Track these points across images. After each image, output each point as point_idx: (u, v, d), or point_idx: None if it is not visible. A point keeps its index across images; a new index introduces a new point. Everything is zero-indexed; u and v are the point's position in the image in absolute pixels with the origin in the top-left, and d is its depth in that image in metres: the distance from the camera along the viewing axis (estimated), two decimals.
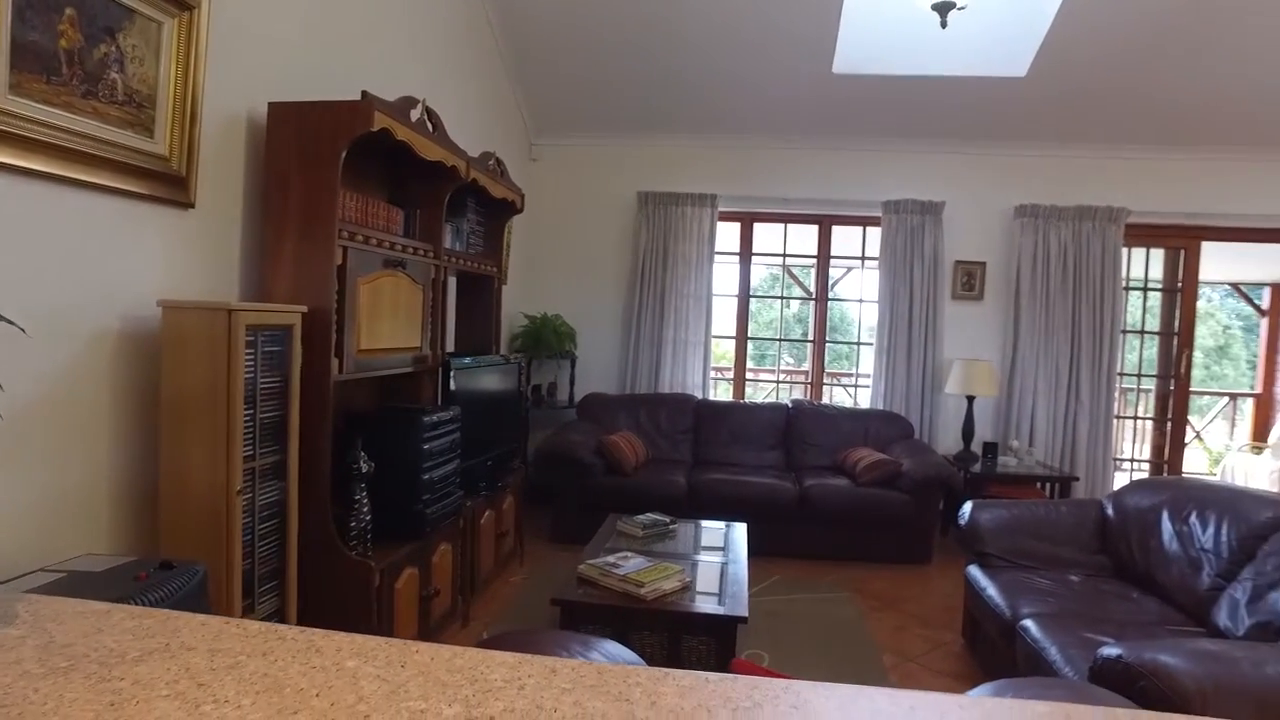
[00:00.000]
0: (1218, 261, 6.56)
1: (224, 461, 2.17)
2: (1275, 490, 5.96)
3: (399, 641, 1.04)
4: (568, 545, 4.55)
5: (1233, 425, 9.38)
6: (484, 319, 4.25)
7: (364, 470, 2.66)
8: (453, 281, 4.08)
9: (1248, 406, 9.22)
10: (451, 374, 3.40)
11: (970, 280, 5.81)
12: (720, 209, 5.82)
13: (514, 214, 4.39)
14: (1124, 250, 5.63)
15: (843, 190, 5.81)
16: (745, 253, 6.17)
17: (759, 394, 8.21)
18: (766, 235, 6.31)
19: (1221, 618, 2.64)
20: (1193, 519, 3.04)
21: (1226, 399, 9.70)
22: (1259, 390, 9.07)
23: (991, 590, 3.11)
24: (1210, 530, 2.95)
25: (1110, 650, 2.08)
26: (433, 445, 3.00)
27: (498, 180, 3.92)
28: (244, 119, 2.63)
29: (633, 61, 5.10)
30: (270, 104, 2.61)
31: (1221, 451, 9.12)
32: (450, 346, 4.06)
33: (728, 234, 6.06)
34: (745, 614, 2.70)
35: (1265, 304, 8.99)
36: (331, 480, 2.60)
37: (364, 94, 2.57)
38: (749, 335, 6.45)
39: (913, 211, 5.65)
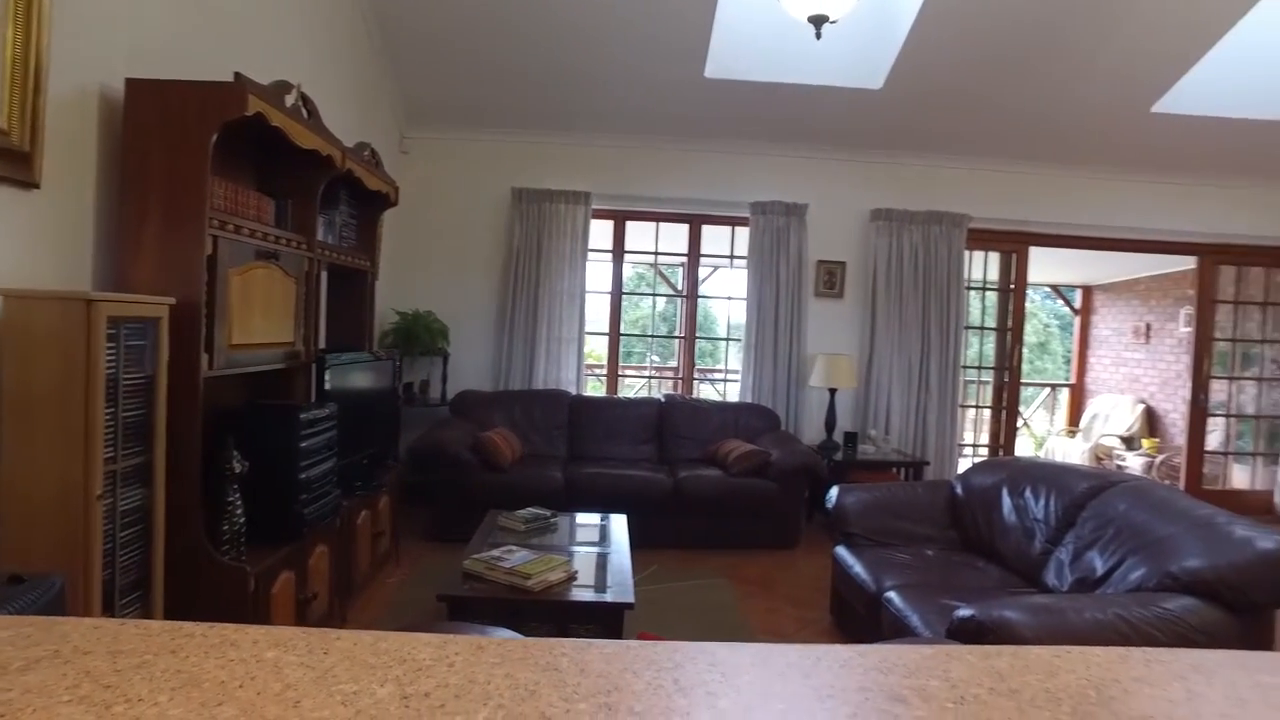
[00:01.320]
0: (1040, 265, 7.26)
1: (81, 464, 2.02)
2: (1089, 465, 6.69)
3: (318, 630, 1.03)
4: (445, 543, 4.48)
5: (1052, 412, 10.39)
6: (357, 315, 4.12)
7: (237, 470, 2.54)
8: (324, 276, 3.92)
9: (1064, 396, 10.25)
10: (326, 371, 3.28)
11: (832, 279, 6.15)
12: (594, 207, 5.88)
13: (388, 207, 4.28)
14: (966, 253, 6.13)
15: (713, 191, 6.00)
16: (618, 250, 6.26)
17: (629, 390, 8.34)
18: (639, 233, 6.43)
19: (1050, 577, 2.97)
20: (1027, 493, 3.39)
21: (1047, 389, 10.74)
22: (1073, 381, 10.09)
23: (858, 567, 3.33)
24: (1041, 502, 3.29)
25: (963, 612, 2.30)
26: (310, 443, 2.90)
27: (373, 172, 3.82)
28: (97, 94, 2.44)
29: (508, 56, 5.07)
30: (128, 80, 2.44)
31: (1044, 436, 10.09)
32: (321, 343, 3.91)
33: (601, 231, 6.13)
34: (631, 601, 2.78)
35: (1078, 304, 10.01)
36: (202, 482, 2.47)
37: (237, 76, 2.45)
38: (621, 332, 6.55)
39: (779, 213, 5.91)
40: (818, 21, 2.33)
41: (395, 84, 5.37)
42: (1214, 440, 7.03)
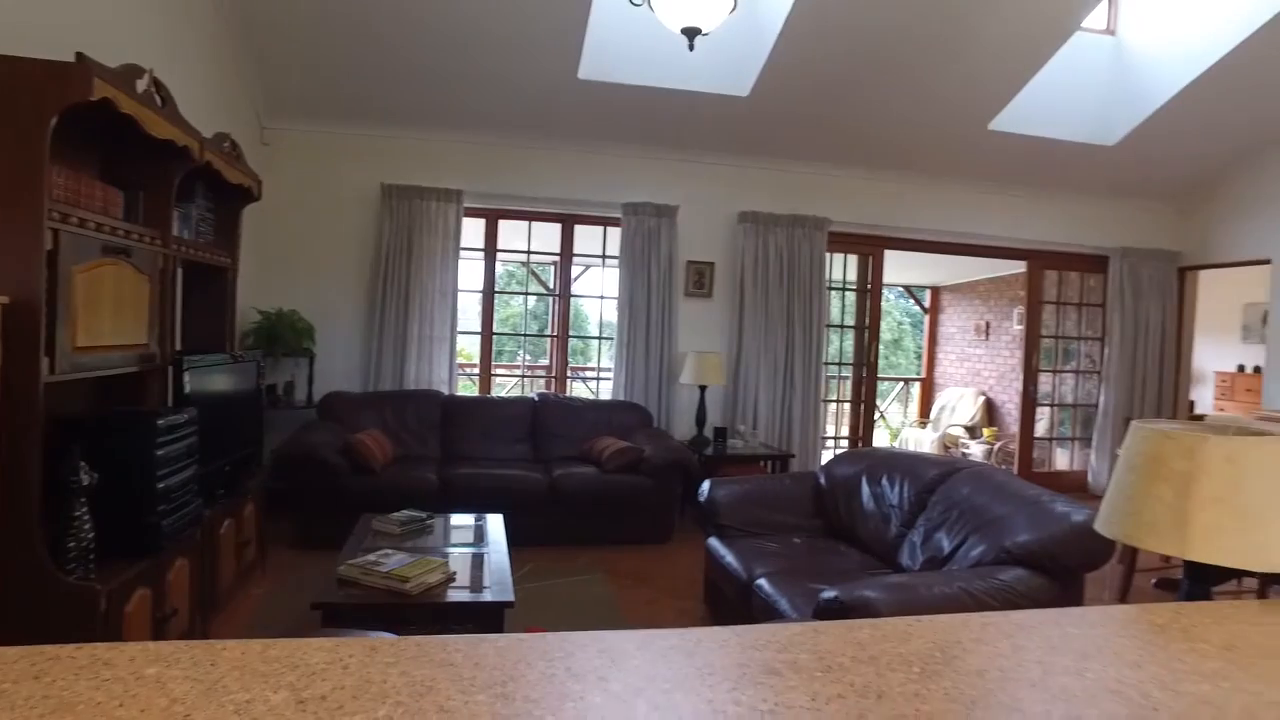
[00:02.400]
0: (894, 267, 7.78)
1: None
2: (938, 453, 7.23)
3: (202, 642, 1.00)
4: (314, 550, 4.32)
5: (905, 405, 11.11)
6: (217, 314, 3.90)
7: (85, 482, 2.37)
8: (179, 273, 3.70)
9: (916, 389, 10.98)
10: (186, 373, 3.10)
11: (701, 279, 6.34)
12: (466, 205, 5.80)
13: (250, 201, 4.07)
14: (827, 255, 6.47)
15: (585, 191, 6.06)
16: (490, 249, 6.21)
17: (501, 389, 8.28)
18: (511, 232, 6.40)
19: (904, 557, 3.22)
20: (884, 481, 3.64)
21: (900, 383, 11.47)
22: (924, 376, 10.83)
23: (730, 557, 3.47)
24: (896, 490, 3.55)
25: (828, 594, 2.47)
26: (168, 450, 2.74)
27: (234, 165, 3.63)
28: None
29: (377, 49, 4.93)
30: None
31: (898, 427, 10.78)
32: (178, 344, 3.68)
33: (473, 230, 6.06)
34: (512, 599, 2.80)
35: (928, 304, 10.76)
36: (44, 495, 2.29)
37: (79, 56, 2.28)
38: (494, 331, 6.50)
39: (650, 214, 6.04)
40: (690, 34, 2.42)
41: (254, 73, 5.10)
42: (1041, 427, 7.77)
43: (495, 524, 3.79)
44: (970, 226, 6.80)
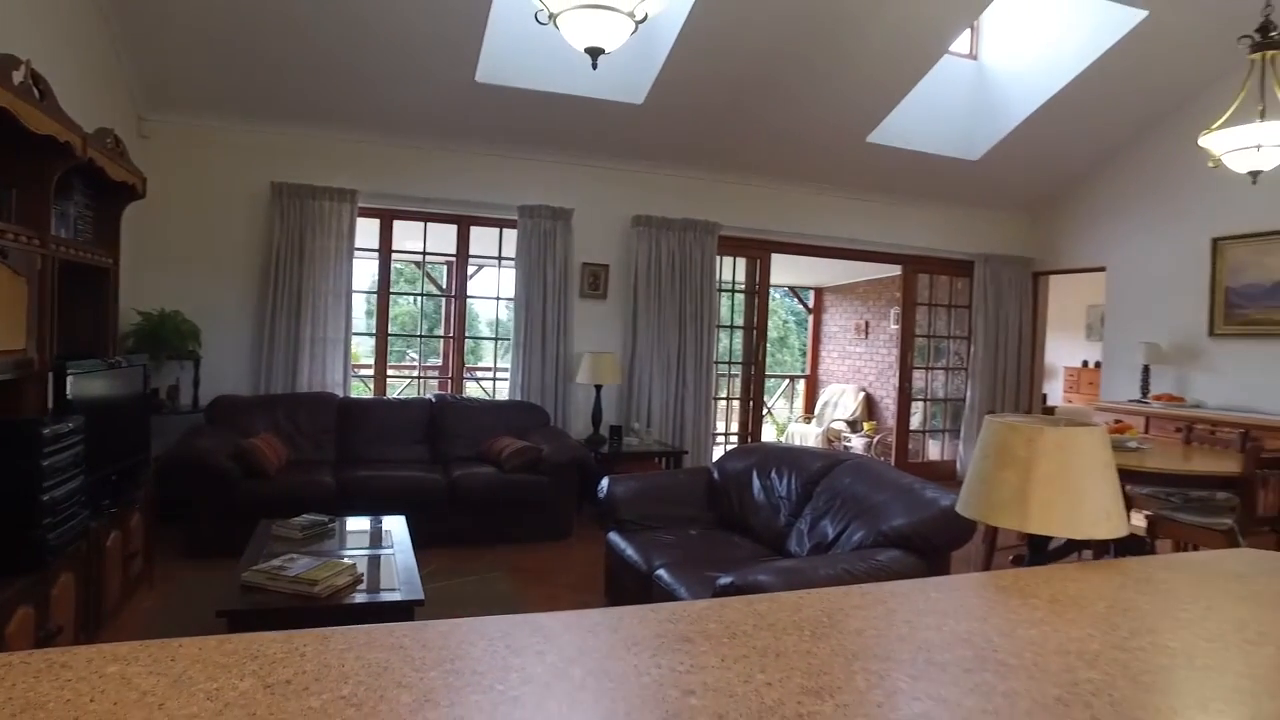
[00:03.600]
0: (780, 269, 8.16)
1: None
2: (822, 447, 7.66)
3: (156, 641, 1.05)
4: (205, 560, 4.21)
5: (791, 401, 11.62)
6: (98, 317, 3.73)
7: None
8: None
9: (801, 386, 11.50)
10: (69, 379, 2.98)
11: (596, 281, 6.48)
12: (360, 205, 5.72)
13: (134, 199, 3.91)
14: (717, 258, 6.74)
15: (482, 193, 6.08)
16: (385, 249, 6.15)
17: (393, 391, 8.16)
18: (405, 232, 6.35)
19: (793, 545, 3.47)
20: (773, 474, 3.89)
21: (786, 380, 11.98)
22: (808, 373, 11.36)
23: (630, 550, 3.63)
24: (784, 481, 3.80)
25: (724, 580, 2.65)
26: (54, 461, 2.64)
27: (118, 161, 3.49)
28: None
29: (267, 42, 4.80)
30: None
31: (785, 422, 11.26)
32: (56, 348, 3.51)
33: (367, 230, 5.98)
34: (421, 597, 2.85)
35: (812, 304, 11.28)
36: None
37: None
38: (390, 333, 6.44)
39: (546, 216, 6.13)
40: (594, 53, 2.55)
41: (131, 60, 4.86)
42: (916, 421, 8.34)
43: (398, 525, 3.81)
44: (851, 232, 7.24)
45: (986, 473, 1.67)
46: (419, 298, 8.82)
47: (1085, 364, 9.58)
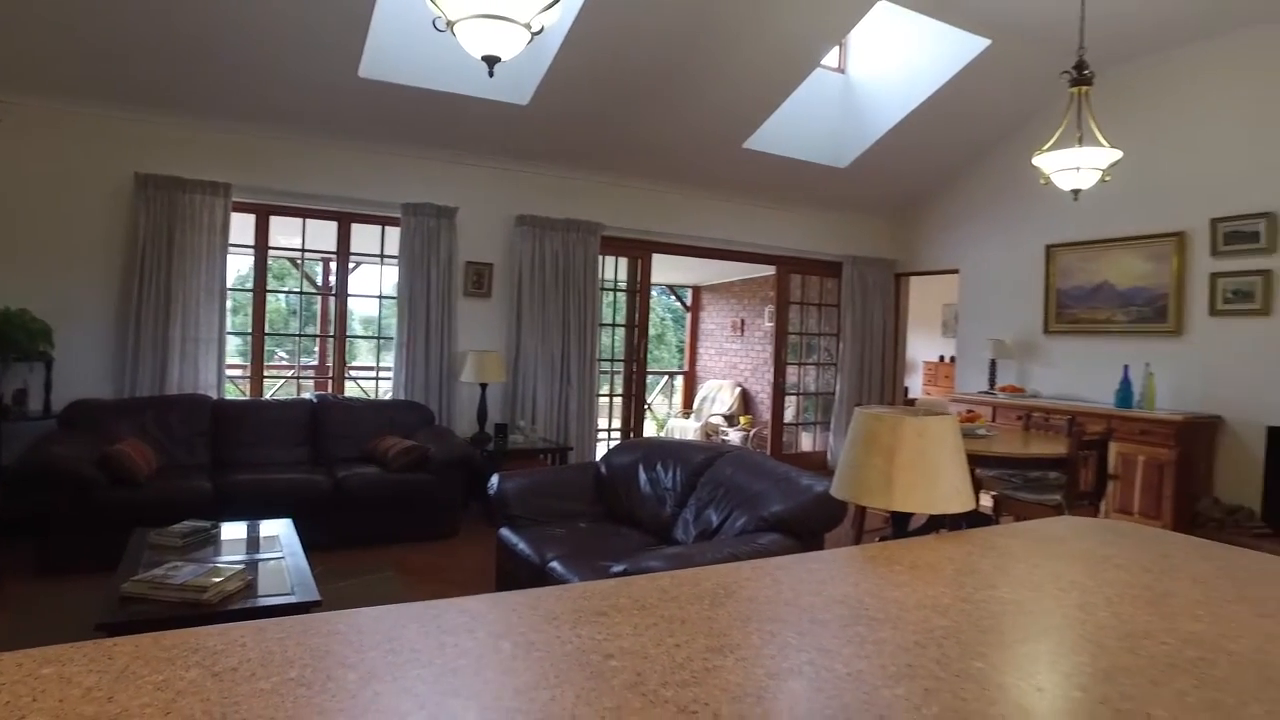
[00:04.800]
0: (659, 268, 8.39)
1: None
2: (702, 440, 7.96)
3: (90, 642, 1.07)
4: (64, 577, 3.98)
5: (670, 397, 11.94)
6: None
7: None
8: None
9: (679, 382, 11.83)
10: None
11: (480, 279, 6.49)
12: (234, 199, 5.50)
13: None
14: (600, 258, 6.89)
15: (364, 190, 5.97)
16: (261, 245, 5.93)
17: (269, 391, 7.87)
18: (282, 227, 6.15)
19: (679, 533, 3.65)
20: (658, 467, 4.06)
21: (665, 377, 12.29)
22: (687, 369, 11.71)
23: (522, 545, 3.71)
24: (669, 474, 3.98)
25: (616, 568, 2.80)
26: None
27: None
28: None
29: (129, 23, 4.51)
30: None
31: (665, 418, 11.57)
32: None
33: (241, 225, 5.75)
34: (319, 598, 2.84)
35: (690, 302, 11.62)
36: None
37: None
38: (266, 332, 6.22)
39: (430, 214, 6.09)
40: (490, 61, 2.62)
41: None
42: (789, 414, 8.78)
43: (285, 528, 3.75)
44: (728, 233, 7.55)
45: (857, 459, 1.87)
46: (290, 295, 8.52)
47: (941, 359, 10.36)
